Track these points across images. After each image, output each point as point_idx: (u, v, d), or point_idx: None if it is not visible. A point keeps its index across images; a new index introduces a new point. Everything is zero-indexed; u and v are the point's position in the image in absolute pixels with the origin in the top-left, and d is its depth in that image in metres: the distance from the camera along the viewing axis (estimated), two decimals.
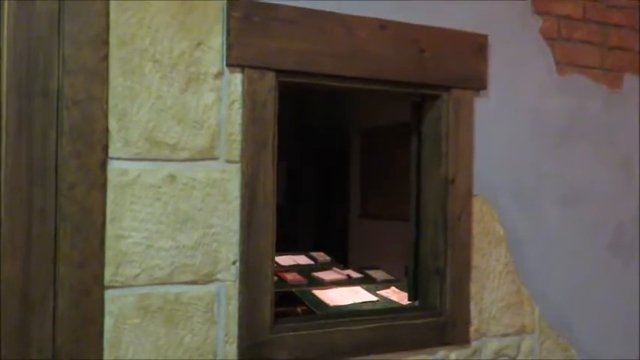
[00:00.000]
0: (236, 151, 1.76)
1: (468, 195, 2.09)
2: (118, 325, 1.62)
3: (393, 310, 2.19)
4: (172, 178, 1.69)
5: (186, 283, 1.70)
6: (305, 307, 3.90)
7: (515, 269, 2.20)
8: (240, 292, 1.76)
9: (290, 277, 4.37)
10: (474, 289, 2.11)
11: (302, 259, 5.46)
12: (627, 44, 2.42)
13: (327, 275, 5.03)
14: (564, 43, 2.29)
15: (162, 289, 1.67)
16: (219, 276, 1.74)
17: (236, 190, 1.76)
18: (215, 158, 1.74)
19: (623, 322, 2.44)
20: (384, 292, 4.41)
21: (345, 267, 5.60)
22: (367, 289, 4.42)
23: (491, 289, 2.15)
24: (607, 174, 2.41)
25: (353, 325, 1.91)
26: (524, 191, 2.22)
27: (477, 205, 2.12)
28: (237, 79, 1.76)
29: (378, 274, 5.18)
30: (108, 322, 1.61)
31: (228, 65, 1.75)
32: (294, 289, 4.02)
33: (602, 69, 2.38)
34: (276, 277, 3.08)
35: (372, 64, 1.92)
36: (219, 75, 1.74)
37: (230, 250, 1.75)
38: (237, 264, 1.76)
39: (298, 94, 1.82)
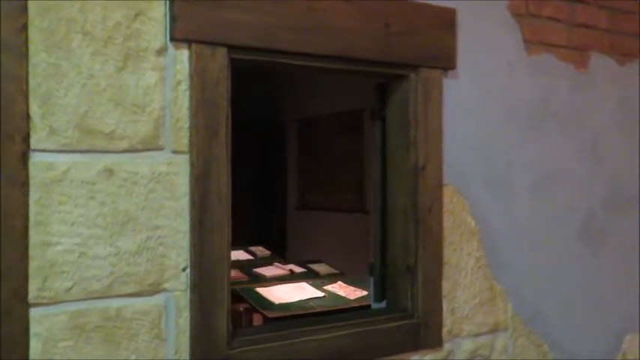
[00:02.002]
0: (184, 140, 1.52)
1: (439, 184, 1.91)
2: (47, 350, 1.36)
3: (363, 313, 2.00)
4: (109, 172, 1.43)
5: (128, 295, 1.45)
6: (248, 306, 3.71)
7: (487, 263, 2.04)
8: (192, 303, 1.52)
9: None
10: (446, 287, 1.94)
11: (241, 255, 5.24)
12: (594, 22, 2.30)
13: (268, 271, 4.83)
14: (532, 20, 2.14)
15: (100, 303, 1.42)
16: (166, 285, 1.50)
17: (185, 185, 1.52)
18: (160, 148, 1.49)
19: (594, 314, 2.32)
20: (330, 287, 4.25)
21: (285, 261, 5.40)
22: (313, 285, 4.24)
23: (464, 287, 1.98)
24: (576, 158, 2.28)
25: (322, 333, 1.70)
26: (494, 179, 2.07)
27: (447, 196, 1.94)
28: (183, 55, 1.51)
29: (321, 268, 5.01)
30: (34, 346, 1.34)
31: (172, 40, 1.50)
32: (236, 287, 3.79)
33: (569, 48, 2.24)
34: None
35: (335, 39, 1.70)
36: (162, 51, 1.49)
37: (179, 254, 1.51)
38: (188, 270, 1.52)
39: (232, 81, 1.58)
